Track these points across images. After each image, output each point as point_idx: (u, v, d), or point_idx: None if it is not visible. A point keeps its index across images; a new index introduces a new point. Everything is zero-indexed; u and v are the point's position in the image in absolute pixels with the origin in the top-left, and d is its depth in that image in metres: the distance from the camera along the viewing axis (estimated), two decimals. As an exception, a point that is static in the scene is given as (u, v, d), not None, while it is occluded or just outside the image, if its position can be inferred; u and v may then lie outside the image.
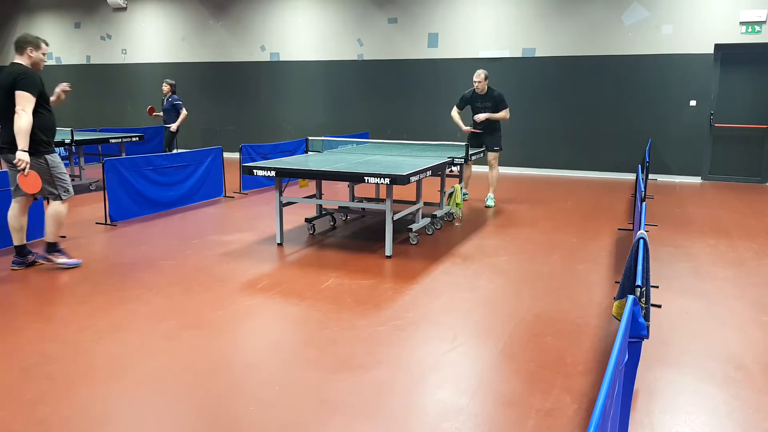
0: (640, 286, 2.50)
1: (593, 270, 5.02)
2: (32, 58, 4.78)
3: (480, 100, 7.65)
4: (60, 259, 4.99)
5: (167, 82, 9.77)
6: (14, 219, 4.89)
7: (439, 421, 2.74)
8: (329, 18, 12.20)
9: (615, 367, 1.68)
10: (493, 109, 7.61)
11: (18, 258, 4.96)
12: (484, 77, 7.52)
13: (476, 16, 11.07)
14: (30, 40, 4.77)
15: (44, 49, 4.85)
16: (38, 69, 4.83)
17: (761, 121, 9.77)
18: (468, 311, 4.08)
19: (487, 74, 7.56)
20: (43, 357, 3.35)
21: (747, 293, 4.47)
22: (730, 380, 3.13)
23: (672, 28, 9.89)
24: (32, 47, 4.77)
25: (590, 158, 10.71)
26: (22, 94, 4.55)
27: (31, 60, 4.78)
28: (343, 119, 12.43)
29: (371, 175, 5.08)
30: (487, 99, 7.62)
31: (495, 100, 7.58)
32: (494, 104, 7.60)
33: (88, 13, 14.52)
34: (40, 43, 4.81)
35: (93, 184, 8.95)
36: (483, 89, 7.57)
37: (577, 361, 3.32)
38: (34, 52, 4.78)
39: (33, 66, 4.79)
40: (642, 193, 4.54)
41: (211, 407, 2.84)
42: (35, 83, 4.64)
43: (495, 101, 7.58)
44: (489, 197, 7.88)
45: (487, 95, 7.60)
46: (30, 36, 4.81)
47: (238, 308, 4.11)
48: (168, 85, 9.76)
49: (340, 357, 3.36)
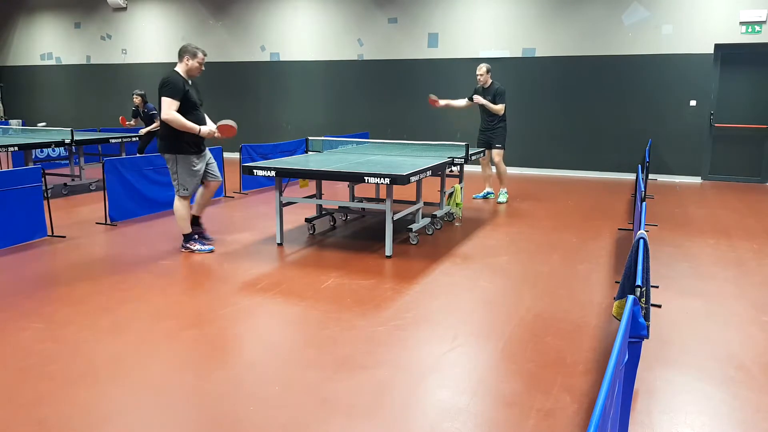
0: (640, 286, 2.50)
1: (593, 270, 5.02)
2: (188, 66, 5.16)
3: (483, 94, 7.82)
4: (195, 246, 5.51)
5: (137, 94, 9.55)
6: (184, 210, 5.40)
7: (439, 421, 2.74)
8: (329, 18, 12.20)
9: (615, 367, 1.68)
10: (491, 102, 7.74)
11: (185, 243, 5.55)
12: (486, 70, 7.69)
13: (476, 16, 11.07)
14: (188, 50, 5.15)
15: (200, 58, 5.19)
16: (192, 76, 5.24)
17: (761, 121, 9.77)
18: (468, 311, 4.08)
19: (489, 67, 7.72)
20: (43, 357, 3.35)
21: (747, 293, 4.47)
22: (730, 380, 3.13)
23: (672, 28, 9.89)
24: (189, 56, 5.14)
25: (590, 158, 10.71)
26: (164, 100, 5.03)
27: (186, 68, 5.16)
28: (343, 119, 12.43)
29: (371, 175, 5.08)
30: (489, 92, 7.79)
31: (494, 94, 7.73)
32: (492, 99, 7.74)
33: (88, 13, 14.51)
34: (197, 52, 5.16)
35: (93, 184, 8.95)
36: (486, 82, 7.76)
37: (577, 361, 3.32)
38: (189, 61, 5.15)
39: (187, 73, 5.19)
40: (642, 193, 4.54)
41: (211, 407, 2.84)
42: (177, 90, 5.02)
43: (494, 95, 7.73)
44: (502, 192, 8.00)
45: (489, 89, 7.78)
46: (190, 46, 5.18)
47: (238, 308, 4.11)
48: (138, 96, 9.55)
49: (340, 357, 3.36)
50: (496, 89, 7.71)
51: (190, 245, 5.50)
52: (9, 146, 7.64)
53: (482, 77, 7.71)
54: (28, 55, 15.45)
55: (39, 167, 5.92)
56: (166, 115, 5.02)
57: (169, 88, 5.01)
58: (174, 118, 5.03)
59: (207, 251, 5.48)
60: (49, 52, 15.17)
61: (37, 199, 5.84)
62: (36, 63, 15.38)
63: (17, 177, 5.68)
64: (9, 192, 5.60)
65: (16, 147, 7.72)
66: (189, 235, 5.51)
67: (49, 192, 8.19)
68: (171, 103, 5.01)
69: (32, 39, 15.31)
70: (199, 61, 5.16)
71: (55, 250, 5.55)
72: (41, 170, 5.92)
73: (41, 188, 5.91)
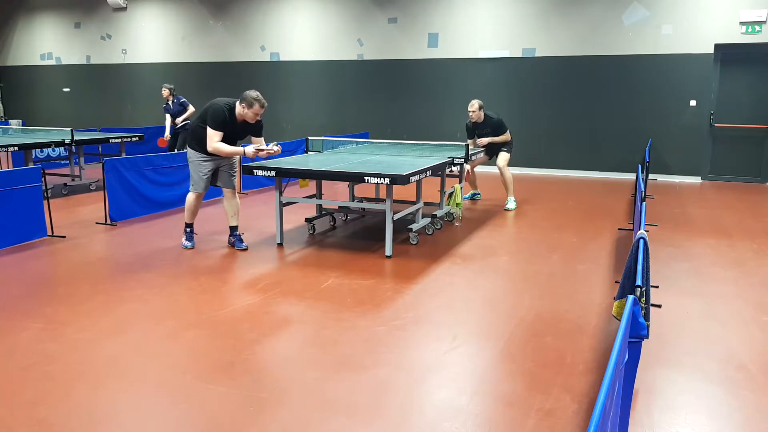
0: (640, 286, 2.50)
1: (593, 270, 5.02)
2: (242, 112, 5.17)
3: (479, 129, 7.66)
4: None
5: (166, 87, 9.70)
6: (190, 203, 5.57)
7: (439, 421, 2.74)
8: (329, 18, 12.20)
9: (615, 367, 1.68)
10: (492, 135, 7.61)
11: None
12: (478, 107, 7.45)
13: (476, 16, 11.07)
14: (246, 98, 5.11)
15: (255, 109, 5.12)
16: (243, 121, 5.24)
17: (761, 121, 9.77)
18: (468, 311, 4.08)
19: (481, 104, 7.48)
20: (43, 357, 3.35)
21: (747, 293, 4.47)
22: (730, 380, 3.13)
23: (672, 28, 9.89)
24: (246, 104, 5.12)
25: (590, 158, 10.71)
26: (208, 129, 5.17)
27: (241, 112, 5.18)
28: (343, 119, 12.43)
29: (371, 175, 5.08)
30: (486, 126, 7.60)
31: (494, 126, 7.57)
32: (493, 130, 7.59)
33: (88, 13, 14.51)
34: (254, 104, 5.11)
35: (93, 184, 8.95)
36: (479, 118, 7.54)
37: (577, 361, 3.32)
38: (245, 109, 5.15)
39: (239, 116, 5.21)
40: (642, 193, 4.54)
41: (211, 407, 2.84)
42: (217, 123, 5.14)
43: (494, 127, 7.57)
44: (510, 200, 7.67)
45: (486, 122, 7.58)
46: (250, 95, 5.11)
47: (238, 308, 4.11)
48: (167, 89, 9.70)
49: (340, 357, 3.36)
50: (495, 120, 7.54)
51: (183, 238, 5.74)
52: (9, 146, 7.64)
53: (475, 114, 7.45)
54: (28, 55, 15.45)
55: (39, 167, 5.92)
56: (209, 147, 5.21)
57: (211, 119, 5.17)
58: (217, 149, 5.20)
59: (187, 246, 5.66)
60: (49, 52, 15.17)
61: (37, 199, 5.84)
62: (36, 63, 15.38)
63: (17, 177, 5.68)
64: (9, 192, 5.60)
65: (16, 147, 7.72)
66: (187, 225, 5.68)
67: (49, 192, 8.19)
68: (213, 134, 5.17)
69: (32, 39, 15.31)
70: (254, 112, 5.14)
71: (55, 250, 5.55)
72: (41, 170, 5.92)
73: (41, 188, 5.91)
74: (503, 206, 7.75)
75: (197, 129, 5.33)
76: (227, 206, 5.62)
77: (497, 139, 7.61)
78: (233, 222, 5.67)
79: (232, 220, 5.66)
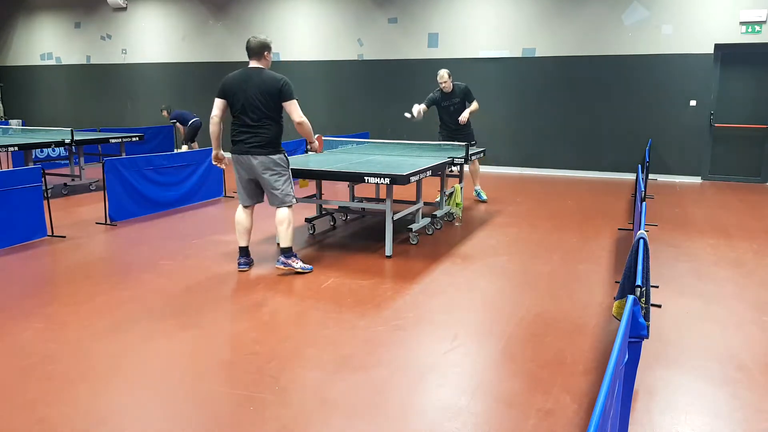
0: (640, 286, 2.50)
1: (593, 270, 5.02)
2: (268, 61, 4.74)
3: (448, 98, 7.57)
4: (297, 264, 4.84)
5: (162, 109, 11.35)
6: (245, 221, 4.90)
7: (439, 421, 2.74)
8: (329, 18, 12.20)
9: (615, 367, 1.68)
10: (461, 104, 7.55)
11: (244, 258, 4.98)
12: (448, 76, 7.41)
13: (476, 16, 11.06)
14: (268, 44, 4.70)
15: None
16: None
17: (761, 121, 9.77)
18: (468, 311, 4.08)
19: (449, 72, 7.44)
20: (43, 357, 3.35)
21: (747, 293, 4.47)
22: (730, 380, 3.13)
23: (672, 28, 9.89)
24: (268, 50, 4.72)
25: (590, 158, 10.70)
26: (293, 102, 4.67)
27: (268, 63, 4.74)
28: (343, 119, 12.43)
29: (371, 175, 5.08)
30: (454, 96, 7.54)
31: (462, 93, 7.52)
32: (462, 98, 7.54)
33: (88, 13, 14.51)
34: (271, 44, 4.76)
35: (93, 184, 8.95)
36: (449, 88, 7.48)
37: (577, 361, 3.32)
38: (269, 55, 4.74)
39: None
40: (642, 193, 4.54)
41: (211, 407, 2.84)
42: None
43: (462, 94, 7.52)
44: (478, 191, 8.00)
45: (454, 92, 7.53)
46: (265, 39, 4.70)
47: (238, 308, 4.11)
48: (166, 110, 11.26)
49: (340, 357, 3.36)
50: (463, 88, 7.48)
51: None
52: (9, 146, 7.64)
53: (446, 84, 7.39)
54: (28, 55, 15.45)
55: (39, 167, 5.92)
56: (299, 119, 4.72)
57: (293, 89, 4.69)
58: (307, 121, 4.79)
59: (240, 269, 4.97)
60: (49, 52, 15.16)
61: (37, 199, 5.84)
62: (36, 63, 15.37)
63: (17, 177, 5.68)
64: (9, 192, 5.60)
65: (16, 147, 7.72)
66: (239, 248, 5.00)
67: (49, 192, 8.19)
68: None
69: (32, 39, 15.31)
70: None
71: (55, 250, 5.55)
72: (41, 170, 5.92)
73: (41, 188, 5.91)
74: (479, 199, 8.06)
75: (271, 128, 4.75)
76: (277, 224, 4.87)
77: (473, 108, 7.54)
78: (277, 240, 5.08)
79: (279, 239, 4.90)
